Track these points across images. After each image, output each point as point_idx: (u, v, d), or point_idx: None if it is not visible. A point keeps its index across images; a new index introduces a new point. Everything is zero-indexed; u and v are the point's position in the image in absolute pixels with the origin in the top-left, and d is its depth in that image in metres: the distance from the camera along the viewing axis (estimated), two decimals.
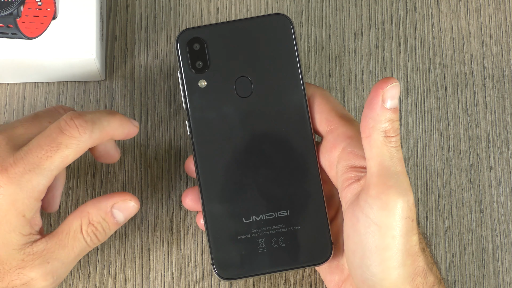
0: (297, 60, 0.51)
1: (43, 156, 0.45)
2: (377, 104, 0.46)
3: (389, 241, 0.45)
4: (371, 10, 0.61)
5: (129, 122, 0.50)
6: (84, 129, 0.46)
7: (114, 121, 0.49)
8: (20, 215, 0.45)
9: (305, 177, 0.51)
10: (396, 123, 0.46)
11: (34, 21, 0.54)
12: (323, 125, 0.51)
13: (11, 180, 0.45)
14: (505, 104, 0.60)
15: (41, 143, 0.46)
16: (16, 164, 0.45)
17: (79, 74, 0.57)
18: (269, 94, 0.51)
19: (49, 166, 0.46)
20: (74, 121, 0.46)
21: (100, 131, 0.47)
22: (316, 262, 0.51)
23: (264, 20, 0.51)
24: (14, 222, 0.45)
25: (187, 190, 0.52)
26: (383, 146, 0.46)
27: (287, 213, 0.51)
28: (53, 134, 0.46)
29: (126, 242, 0.56)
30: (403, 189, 0.45)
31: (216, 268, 0.50)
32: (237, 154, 0.51)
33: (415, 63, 0.60)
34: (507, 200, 0.58)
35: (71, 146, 0.46)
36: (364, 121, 0.46)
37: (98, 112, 0.48)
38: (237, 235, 0.50)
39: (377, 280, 0.46)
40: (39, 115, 0.49)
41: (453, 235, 0.58)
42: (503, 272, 0.57)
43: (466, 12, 0.61)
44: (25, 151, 0.46)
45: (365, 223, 0.46)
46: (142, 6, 0.60)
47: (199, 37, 0.51)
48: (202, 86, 0.51)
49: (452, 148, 0.59)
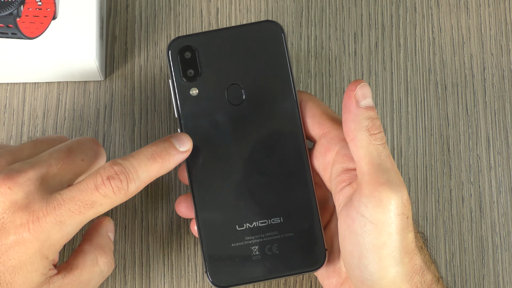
0: (288, 66, 0.51)
1: (76, 211, 0.45)
2: (352, 106, 0.47)
3: (385, 238, 0.46)
4: (371, 10, 0.61)
5: (174, 156, 0.48)
6: (119, 190, 0.45)
7: (154, 168, 0.47)
8: (44, 258, 0.45)
9: (298, 183, 0.51)
10: (376, 120, 0.47)
11: (34, 21, 0.54)
12: (315, 129, 0.51)
13: (41, 228, 0.44)
14: (505, 104, 0.60)
15: (76, 197, 0.45)
16: (48, 214, 0.44)
17: (79, 74, 0.57)
18: (261, 101, 0.51)
19: (80, 220, 0.45)
20: (110, 182, 0.45)
21: (137, 187, 0.46)
22: (310, 269, 0.51)
23: (255, 27, 0.51)
24: (37, 264, 0.45)
25: (180, 198, 0.52)
26: (370, 145, 0.47)
27: (280, 220, 0.51)
28: (88, 190, 0.45)
29: (126, 242, 0.56)
30: (395, 185, 0.46)
31: (210, 276, 0.50)
32: (230, 161, 0.51)
33: (415, 63, 0.60)
34: (507, 200, 0.58)
35: (105, 204, 0.45)
36: (346, 126, 0.48)
37: (137, 161, 0.47)
38: (230, 242, 0.50)
39: (376, 279, 0.46)
40: (73, 150, 0.48)
41: (453, 235, 0.58)
42: (503, 272, 0.57)
43: (466, 12, 0.61)
44: (59, 201, 0.45)
45: (361, 222, 0.46)
46: (142, 6, 0.60)
47: (190, 45, 0.51)
48: (193, 94, 0.51)
49: (452, 148, 0.59)
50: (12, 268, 0.44)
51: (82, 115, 0.58)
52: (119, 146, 0.58)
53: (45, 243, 0.45)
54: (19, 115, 0.58)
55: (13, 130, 0.58)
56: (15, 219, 0.44)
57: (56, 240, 0.45)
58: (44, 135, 0.58)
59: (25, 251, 0.44)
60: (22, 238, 0.44)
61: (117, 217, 0.57)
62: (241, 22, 0.60)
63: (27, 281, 0.45)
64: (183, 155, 0.49)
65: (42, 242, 0.44)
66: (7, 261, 0.44)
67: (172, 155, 0.48)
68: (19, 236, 0.44)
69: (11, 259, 0.44)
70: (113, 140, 0.58)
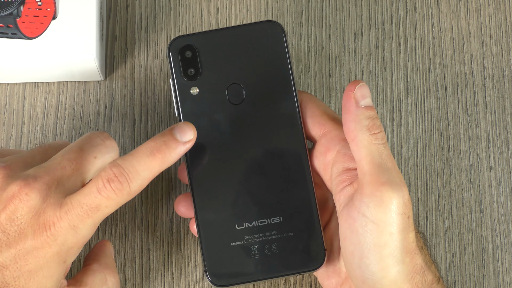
0: (289, 66, 0.51)
1: (84, 215, 0.45)
2: (352, 106, 0.48)
3: (386, 238, 0.46)
4: (371, 10, 0.61)
5: (175, 149, 0.48)
6: (121, 191, 0.46)
7: (154, 165, 0.47)
8: (62, 261, 0.46)
9: (298, 183, 0.51)
10: (376, 120, 0.47)
11: (34, 21, 0.54)
12: (315, 129, 0.51)
13: (57, 232, 0.45)
14: (505, 104, 0.60)
15: (81, 202, 0.45)
16: (62, 220, 0.45)
17: (79, 74, 0.57)
18: (261, 101, 0.51)
19: (92, 222, 0.46)
20: (110, 185, 0.45)
21: (140, 185, 0.47)
22: (309, 268, 0.51)
23: (256, 27, 0.52)
24: (54, 268, 0.45)
25: (179, 197, 0.52)
26: (371, 145, 0.47)
27: (280, 219, 0.51)
28: (91, 194, 0.45)
29: (126, 242, 0.56)
30: (396, 184, 0.46)
31: (209, 275, 0.50)
32: (229, 161, 0.51)
33: (415, 63, 0.60)
34: (507, 200, 0.58)
35: (110, 206, 0.46)
36: (346, 126, 0.48)
37: (136, 160, 0.47)
38: (230, 242, 0.50)
39: (377, 279, 0.46)
40: (84, 149, 0.48)
41: (453, 235, 0.58)
42: (503, 272, 0.57)
43: (466, 12, 0.61)
44: (69, 206, 0.45)
45: (362, 222, 0.46)
46: (142, 6, 0.60)
47: (190, 44, 0.51)
48: (194, 93, 0.51)
49: (452, 148, 0.59)
50: (28, 273, 0.45)
51: (82, 115, 0.58)
52: (119, 146, 0.58)
53: (63, 247, 0.45)
54: (19, 115, 0.58)
55: (13, 130, 0.58)
56: (33, 223, 0.45)
57: (73, 243, 0.45)
58: (44, 135, 0.58)
59: (43, 255, 0.45)
60: (40, 242, 0.44)
61: (117, 217, 0.57)
62: (241, 22, 0.60)
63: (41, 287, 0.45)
64: (186, 145, 0.48)
65: (60, 246, 0.45)
66: (24, 266, 0.44)
67: (172, 148, 0.48)
68: (37, 240, 0.44)
69: (29, 263, 0.44)
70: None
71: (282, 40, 0.51)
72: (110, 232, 0.56)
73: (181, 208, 0.52)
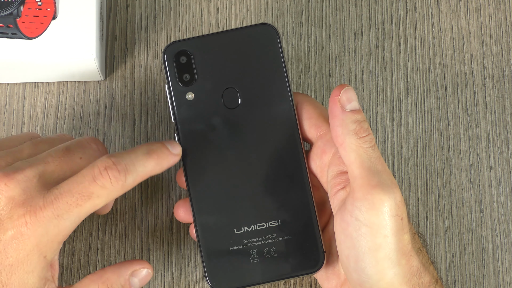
0: (284, 69, 0.51)
1: (73, 204, 0.45)
2: (338, 111, 0.48)
3: (380, 240, 0.45)
4: (371, 10, 0.61)
5: (168, 156, 0.49)
6: (117, 180, 0.45)
7: (150, 163, 0.47)
8: (42, 256, 0.45)
9: (295, 186, 0.51)
10: (363, 123, 0.47)
11: (34, 21, 0.54)
12: (312, 131, 0.51)
13: (38, 222, 0.44)
14: (505, 104, 0.60)
15: (73, 189, 0.45)
16: (45, 208, 0.44)
17: (79, 74, 0.57)
18: (256, 105, 0.51)
19: (78, 214, 0.45)
20: (107, 172, 0.45)
21: (134, 179, 0.47)
22: (309, 271, 0.51)
23: (250, 30, 0.52)
24: (34, 263, 0.45)
25: (178, 202, 0.52)
26: (359, 149, 0.47)
27: (278, 223, 0.51)
28: (85, 182, 0.45)
29: (126, 242, 0.56)
30: (387, 186, 0.46)
31: (209, 280, 0.50)
32: (227, 165, 0.51)
33: (415, 63, 0.60)
34: (507, 200, 0.58)
35: (102, 196, 0.45)
36: (334, 132, 0.48)
37: (134, 155, 0.47)
38: (229, 246, 0.50)
39: (374, 282, 0.46)
40: (71, 149, 0.48)
41: (453, 235, 0.58)
42: (503, 272, 0.57)
43: (466, 12, 0.61)
44: (56, 194, 0.45)
45: (355, 226, 0.46)
46: (142, 6, 0.60)
47: (185, 50, 0.51)
48: (189, 98, 0.51)
49: (452, 148, 0.59)
50: (9, 267, 0.44)
51: (82, 115, 0.58)
52: (119, 146, 0.58)
53: (43, 239, 0.45)
54: (19, 115, 0.58)
55: (13, 130, 0.58)
56: (12, 214, 0.44)
57: (54, 235, 0.45)
58: (44, 135, 0.58)
59: (23, 247, 0.44)
60: (19, 232, 0.44)
61: (117, 217, 0.57)
62: (241, 22, 0.60)
63: (23, 283, 0.45)
64: (175, 157, 0.49)
65: (39, 237, 0.44)
66: (5, 259, 0.44)
67: (165, 154, 0.48)
68: (17, 230, 0.44)
69: (9, 257, 0.44)
70: (113, 140, 0.58)
71: (276, 42, 0.51)
72: (110, 232, 0.56)
73: (180, 213, 0.52)
